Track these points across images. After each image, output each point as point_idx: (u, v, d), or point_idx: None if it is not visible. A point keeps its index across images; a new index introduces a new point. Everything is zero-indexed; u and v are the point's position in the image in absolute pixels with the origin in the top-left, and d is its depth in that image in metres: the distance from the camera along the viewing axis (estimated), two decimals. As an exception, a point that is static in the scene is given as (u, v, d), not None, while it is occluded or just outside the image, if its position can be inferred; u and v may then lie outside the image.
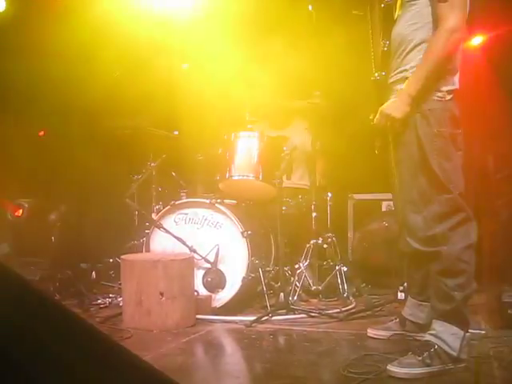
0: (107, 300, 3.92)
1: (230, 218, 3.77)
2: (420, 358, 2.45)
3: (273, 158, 3.91)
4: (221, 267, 3.73)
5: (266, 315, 3.47)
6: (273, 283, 3.89)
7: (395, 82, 2.65)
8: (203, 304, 3.59)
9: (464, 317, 2.54)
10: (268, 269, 3.98)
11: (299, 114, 4.88)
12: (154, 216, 4.10)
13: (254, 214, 4.20)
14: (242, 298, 3.79)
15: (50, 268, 4.14)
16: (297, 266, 4.03)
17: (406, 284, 3.58)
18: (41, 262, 4.21)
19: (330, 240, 4.20)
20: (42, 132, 4.95)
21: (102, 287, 4.36)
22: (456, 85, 2.60)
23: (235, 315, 3.58)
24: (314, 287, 4.04)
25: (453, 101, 2.58)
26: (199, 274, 3.73)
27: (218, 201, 3.86)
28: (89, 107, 4.53)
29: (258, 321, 3.40)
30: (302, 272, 3.99)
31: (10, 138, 4.53)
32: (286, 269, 3.97)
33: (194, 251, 3.70)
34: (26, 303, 0.79)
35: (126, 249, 4.29)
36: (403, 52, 2.63)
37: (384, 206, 4.74)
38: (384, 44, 2.71)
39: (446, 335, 2.49)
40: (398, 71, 2.65)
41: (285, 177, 3.94)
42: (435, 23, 2.52)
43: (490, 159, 4.61)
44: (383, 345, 2.90)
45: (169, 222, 3.89)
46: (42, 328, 0.78)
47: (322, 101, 4.17)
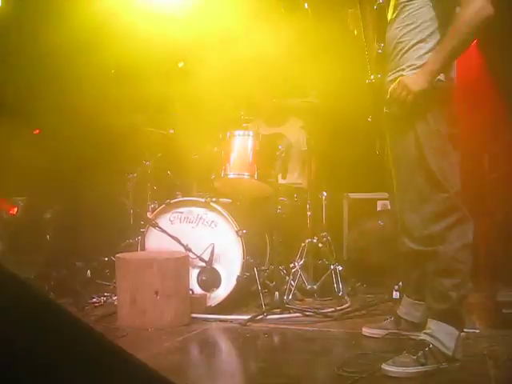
0: (102, 299, 3.91)
1: (225, 217, 3.77)
2: (415, 357, 2.45)
3: (268, 157, 3.91)
4: (216, 266, 3.73)
5: (260, 314, 3.46)
6: (268, 282, 3.89)
7: (392, 81, 2.65)
8: (198, 303, 3.59)
9: (459, 316, 2.55)
10: (263, 268, 3.98)
11: (294, 112, 4.88)
12: (149, 215, 4.08)
13: (249, 213, 4.20)
14: (237, 297, 3.78)
15: (44, 266, 4.13)
16: (292, 265, 4.03)
17: (401, 283, 3.58)
18: (35, 260, 4.20)
19: (325, 239, 4.21)
20: (37, 130, 4.93)
21: (97, 286, 4.34)
22: (454, 83, 2.60)
23: (230, 314, 3.57)
24: (309, 286, 4.03)
25: (450, 100, 2.58)
26: (194, 273, 3.73)
27: (213, 199, 3.86)
28: (84, 105, 4.52)
29: (252, 320, 3.40)
30: (296, 271, 3.99)
31: (5, 136, 4.51)
32: (281, 268, 3.97)
33: (189, 250, 3.70)
34: (21, 302, 0.79)
35: (121, 247, 4.29)
36: (400, 52, 2.62)
37: (379, 205, 4.74)
38: (379, 46, 2.71)
39: (442, 334, 2.49)
40: (395, 71, 2.64)
41: (280, 176, 3.93)
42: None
43: (486, 158, 4.62)
44: (378, 344, 2.90)
45: (164, 221, 3.88)
46: (37, 326, 0.78)
47: (317, 99, 4.17)
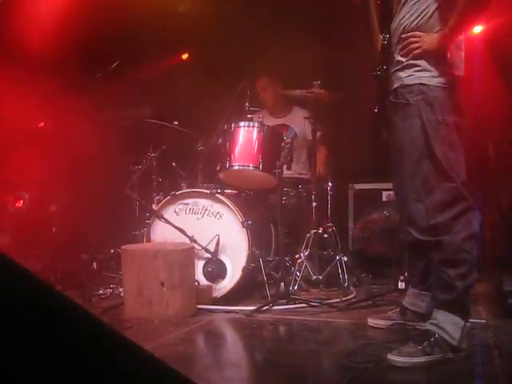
0: (108, 290, 3.93)
1: (231, 208, 3.77)
2: (420, 347, 2.45)
3: (273, 148, 3.90)
4: (221, 257, 3.73)
5: (266, 305, 3.47)
6: (273, 273, 3.89)
7: (398, 70, 2.64)
8: (204, 294, 3.60)
9: (465, 306, 2.54)
10: (268, 259, 3.98)
11: (299, 103, 4.87)
12: (154, 206, 4.09)
13: (255, 204, 4.20)
14: (243, 288, 3.79)
15: (51, 259, 4.15)
16: (297, 256, 4.04)
17: (406, 273, 3.58)
18: (42, 252, 4.22)
19: (330, 230, 4.21)
20: (42, 124, 4.93)
21: (103, 278, 4.37)
22: (461, 72, 2.59)
23: (236, 305, 3.58)
24: (315, 277, 4.03)
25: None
26: (200, 264, 3.74)
27: (219, 191, 3.86)
28: (88, 97, 4.52)
29: (258, 310, 3.40)
30: (302, 262, 3.99)
31: (11, 129, 4.52)
32: (286, 259, 3.98)
33: (195, 241, 3.70)
34: (28, 294, 0.79)
35: (126, 239, 4.30)
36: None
37: (384, 195, 4.73)
38: (383, 38, 2.70)
39: (447, 324, 2.49)
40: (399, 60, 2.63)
41: (285, 166, 3.93)
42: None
43: (492, 148, 4.60)
44: (383, 334, 2.90)
45: (169, 213, 3.89)
46: (44, 319, 0.78)
47: (322, 90, 4.16)
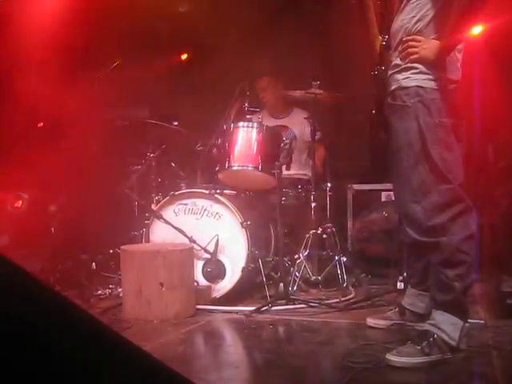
0: (107, 291, 3.93)
1: (230, 209, 3.77)
2: (419, 347, 2.45)
3: (272, 149, 3.90)
4: (220, 258, 3.74)
5: (265, 305, 3.47)
6: (272, 273, 3.90)
7: (395, 72, 2.64)
8: (203, 294, 3.60)
9: (464, 307, 2.55)
10: (268, 259, 3.98)
11: (299, 104, 4.87)
12: (153, 207, 4.09)
13: (254, 205, 4.20)
14: (242, 289, 3.79)
15: (50, 259, 4.15)
16: (296, 257, 4.04)
17: (405, 274, 3.59)
18: (41, 253, 4.21)
19: (329, 230, 4.21)
20: (41, 124, 4.93)
21: (102, 278, 4.36)
22: (458, 75, 2.59)
23: (235, 305, 3.58)
24: (314, 277, 4.04)
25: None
26: (199, 265, 3.74)
27: (218, 191, 3.86)
28: (88, 97, 4.52)
29: (257, 311, 3.41)
30: (301, 262, 4.00)
31: (9, 128, 4.52)
32: (285, 259, 3.98)
33: (194, 242, 3.71)
34: (26, 295, 0.79)
35: (125, 239, 4.30)
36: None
37: (383, 196, 4.73)
38: (383, 38, 2.70)
39: (446, 325, 2.49)
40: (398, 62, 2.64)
41: (284, 167, 3.93)
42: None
43: (490, 149, 4.61)
44: (382, 334, 2.91)
45: (168, 213, 3.89)
46: (42, 319, 0.78)
47: (321, 91, 4.16)
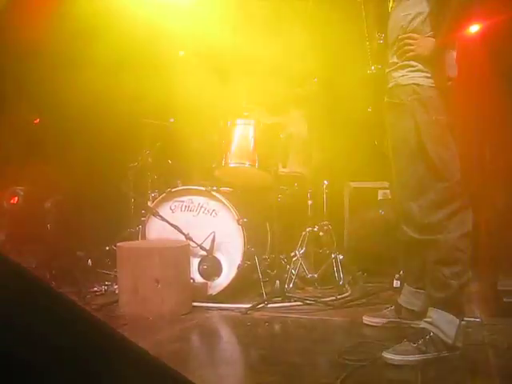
0: (103, 287, 3.92)
1: (226, 206, 3.77)
2: (415, 345, 2.46)
3: (269, 146, 3.90)
4: (217, 255, 3.73)
5: (261, 303, 3.47)
6: (269, 271, 3.90)
7: (392, 70, 2.64)
8: (199, 291, 3.60)
9: (460, 305, 2.56)
10: (264, 256, 3.98)
11: (296, 101, 4.86)
12: (149, 204, 4.08)
13: (250, 202, 4.20)
14: (238, 286, 3.79)
15: (45, 256, 4.14)
16: (292, 254, 4.04)
17: (401, 272, 3.59)
18: (37, 249, 4.20)
19: (325, 228, 4.21)
20: (37, 120, 4.91)
21: (98, 275, 4.35)
22: (455, 72, 2.59)
23: (231, 302, 3.58)
24: (310, 275, 4.04)
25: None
26: (195, 262, 3.74)
27: (214, 188, 3.86)
28: (85, 95, 4.50)
29: (253, 308, 3.41)
30: (297, 260, 4.00)
31: (6, 125, 4.50)
32: (281, 256, 3.98)
33: (190, 239, 3.70)
34: (22, 291, 0.79)
35: (121, 236, 4.29)
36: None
37: (380, 194, 4.73)
38: (379, 37, 2.70)
39: (442, 323, 2.50)
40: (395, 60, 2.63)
41: (281, 164, 3.93)
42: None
43: (487, 148, 4.61)
44: (378, 332, 2.91)
45: (165, 210, 3.88)
46: (39, 315, 0.78)
47: (318, 88, 4.16)
